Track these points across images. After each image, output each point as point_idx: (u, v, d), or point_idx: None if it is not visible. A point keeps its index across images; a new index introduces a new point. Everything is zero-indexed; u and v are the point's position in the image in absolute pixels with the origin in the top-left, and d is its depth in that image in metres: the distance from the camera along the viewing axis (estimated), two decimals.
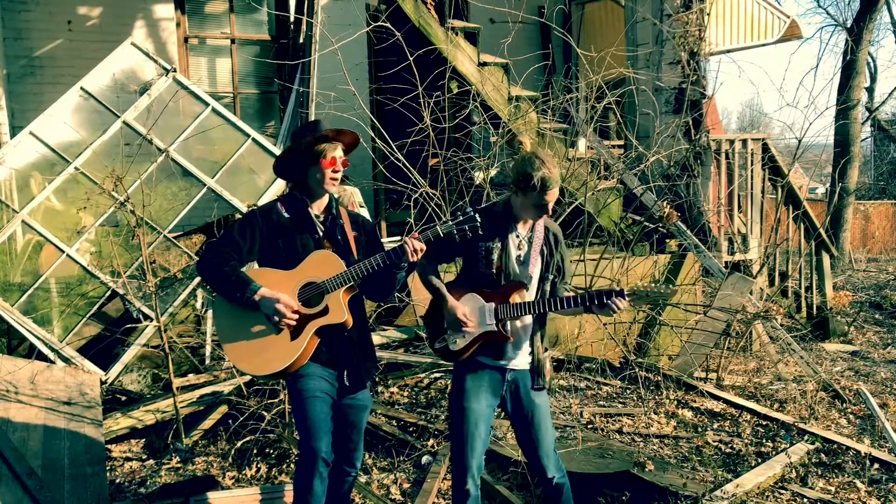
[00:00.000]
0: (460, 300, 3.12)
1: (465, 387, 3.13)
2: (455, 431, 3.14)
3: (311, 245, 3.07)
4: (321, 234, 3.11)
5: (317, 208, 3.15)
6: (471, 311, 3.10)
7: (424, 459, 4.34)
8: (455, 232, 2.94)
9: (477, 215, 2.94)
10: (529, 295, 3.13)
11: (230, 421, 4.71)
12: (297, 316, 2.95)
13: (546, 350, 3.21)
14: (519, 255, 3.14)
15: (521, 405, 3.16)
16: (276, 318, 2.93)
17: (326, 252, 3.04)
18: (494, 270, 3.11)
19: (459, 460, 3.11)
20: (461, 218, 2.94)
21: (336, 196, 3.25)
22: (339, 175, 3.10)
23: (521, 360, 3.16)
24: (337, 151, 3.09)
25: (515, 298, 3.08)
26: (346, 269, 2.97)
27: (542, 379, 3.17)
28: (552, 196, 3.06)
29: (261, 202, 5.76)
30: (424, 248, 2.95)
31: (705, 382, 5.97)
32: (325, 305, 2.97)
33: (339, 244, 3.11)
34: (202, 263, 3.04)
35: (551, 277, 3.19)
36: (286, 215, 3.10)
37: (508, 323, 3.09)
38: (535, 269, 3.14)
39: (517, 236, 3.16)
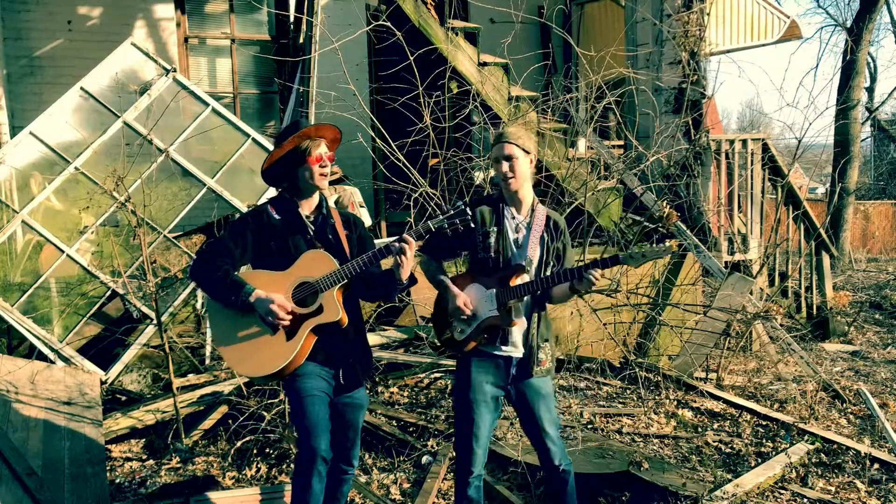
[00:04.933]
0: (465, 290, 3.15)
1: (470, 378, 3.14)
2: (460, 422, 3.16)
3: (303, 245, 3.08)
4: (312, 233, 3.12)
5: (307, 208, 3.16)
6: (473, 298, 3.12)
7: (424, 459, 4.34)
8: (446, 226, 2.94)
9: (468, 209, 2.95)
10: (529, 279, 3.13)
11: (230, 421, 4.71)
12: (290, 316, 2.97)
13: (545, 341, 3.19)
14: (517, 239, 3.17)
15: (525, 394, 3.17)
16: (271, 319, 2.94)
17: (319, 251, 3.05)
18: (493, 254, 3.14)
19: (465, 450, 3.13)
20: (452, 212, 2.95)
21: (335, 196, 3.25)
22: (327, 170, 3.12)
23: (521, 349, 3.17)
24: (321, 148, 3.11)
25: (515, 282, 3.08)
26: (338, 268, 2.98)
27: (536, 367, 3.15)
28: (508, 149, 3.09)
29: (261, 202, 5.76)
30: (413, 243, 2.95)
31: (705, 382, 5.97)
32: (320, 304, 2.98)
33: (330, 243, 3.12)
34: (195, 269, 3.07)
35: (552, 264, 3.19)
36: (276, 217, 3.11)
37: (513, 309, 3.09)
38: (535, 254, 3.15)
39: (514, 220, 3.18)
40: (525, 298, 3.13)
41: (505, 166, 3.10)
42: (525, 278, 3.11)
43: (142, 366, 5.55)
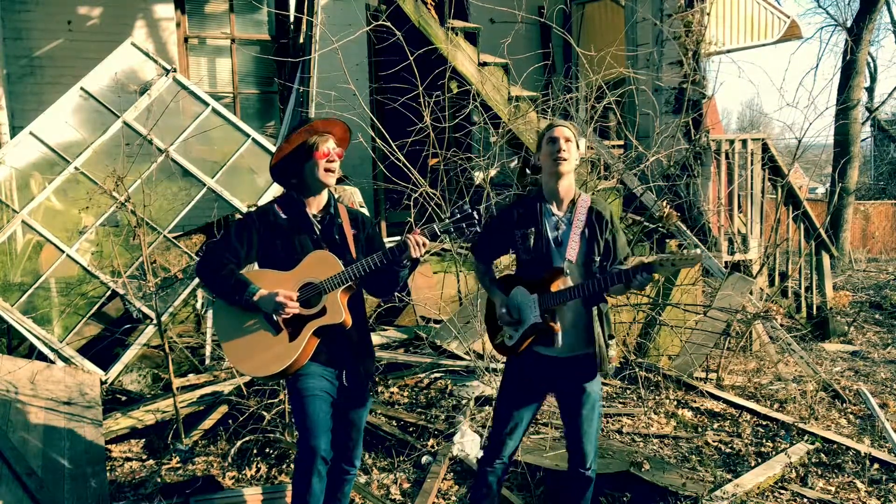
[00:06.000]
0: (510, 294, 3.13)
1: (514, 375, 3.18)
2: (499, 417, 3.19)
3: (309, 245, 3.07)
4: (318, 233, 3.10)
5: (315, 207, 3.14)
6: (517, 303, 3.10)
7: (424, 459, 4.34)
8: (452, 230, 2.94)
9: (474, 212, 2.94)
10: (575, 280, 3.03)
11: (230, 421, 4.71)
12: (297, 304, 2.95)
13: (612, 337, 3.10)
14: (556, 237, 3.07)
15: (574, 395, 3.12)
16: (279, 311, 2.93)
17: (324, 252, 3.03)
18: (534, 256, 3.08)
19: (498, 440, 3.17)
20: (459, 216, 2.94)
21: (336, 196, 3.25)
22: (334, 165, 3.10)
23: (575, 348, 3.08)
24: (329, 143, 3.09)
25: (557, 286, 3.00)
26: (343, 270, 2.97)
27: (604, 365, 3.07)
28: (559, 132, 3.05)
29: (261, 202, 5.76)
30: (427, 243, 2.96)
31: (705, 382, 5.97)
32: (323, 306, 2.97)
33: (336, 243, 3.11)
34: (201, 267, 3.06)
35: (598, 260, 3.06)
36: (283, 216, 3.10)
37: (557, 312, 3.04)
38: (574, 252, 3.03)
39: (553, 217, 3.10)
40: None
41: (562, 143, 3.02)
42: (568, 281, 3.00)
43: (142, 366, 5.55)
